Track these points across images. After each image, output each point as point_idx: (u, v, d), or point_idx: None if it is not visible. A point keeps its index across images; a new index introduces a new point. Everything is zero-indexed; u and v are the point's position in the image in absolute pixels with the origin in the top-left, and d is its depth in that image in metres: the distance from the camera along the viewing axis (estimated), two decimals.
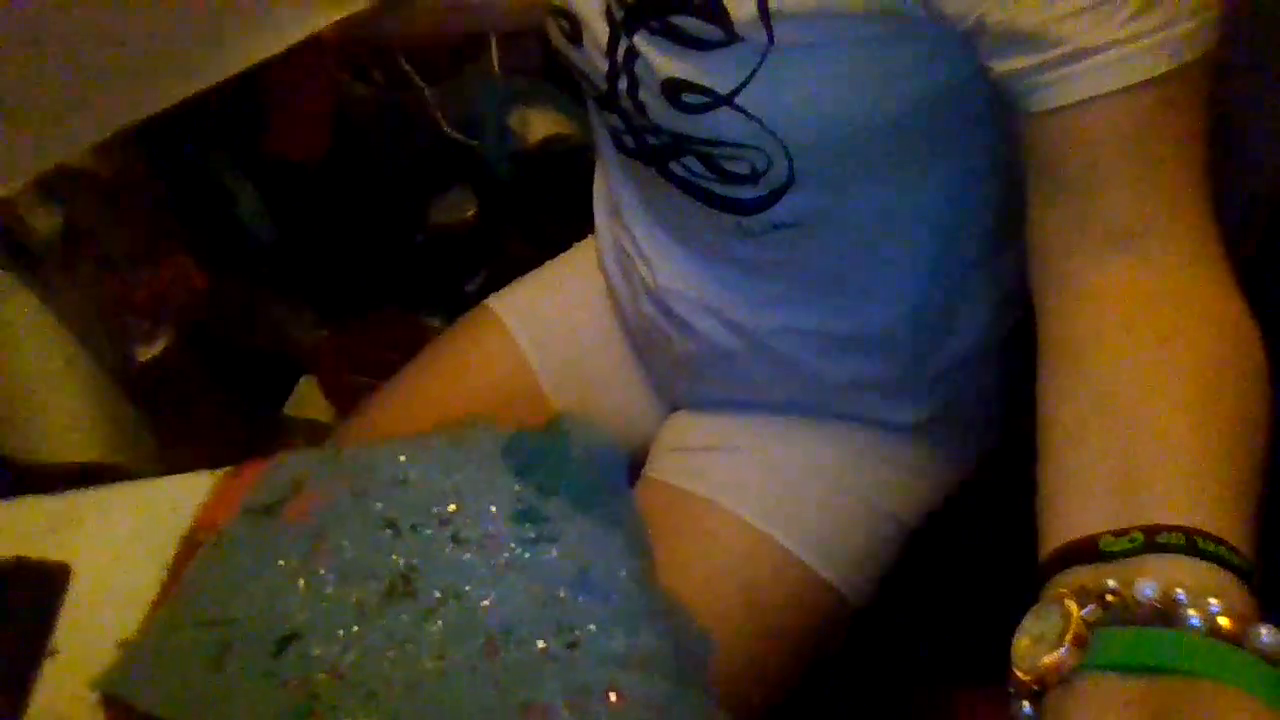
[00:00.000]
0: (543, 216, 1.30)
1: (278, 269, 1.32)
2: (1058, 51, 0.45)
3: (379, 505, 0.52)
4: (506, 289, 0.90)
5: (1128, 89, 0.44)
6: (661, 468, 0.78)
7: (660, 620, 0.50)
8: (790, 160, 0.57)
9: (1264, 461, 0.41)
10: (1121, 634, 0.34)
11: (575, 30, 0.64)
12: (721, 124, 0.57)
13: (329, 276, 1.36)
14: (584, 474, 0.54)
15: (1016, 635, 0.37)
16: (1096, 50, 0.44)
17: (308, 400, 1.30)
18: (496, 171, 1.30)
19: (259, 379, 1.31)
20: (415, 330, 1.31)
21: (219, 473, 0.56)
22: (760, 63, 0.54)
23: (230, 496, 0.54)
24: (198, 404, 1.14)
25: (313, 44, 0.75)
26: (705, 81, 0.56)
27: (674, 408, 0.83)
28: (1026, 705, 0.36)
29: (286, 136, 1.28)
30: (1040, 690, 0.35)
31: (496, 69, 1.26)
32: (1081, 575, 0.37)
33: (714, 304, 0.70)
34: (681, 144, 0.61)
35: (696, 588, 0.69)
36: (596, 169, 0.80)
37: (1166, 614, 0.34)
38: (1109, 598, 0.35)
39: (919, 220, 0.62)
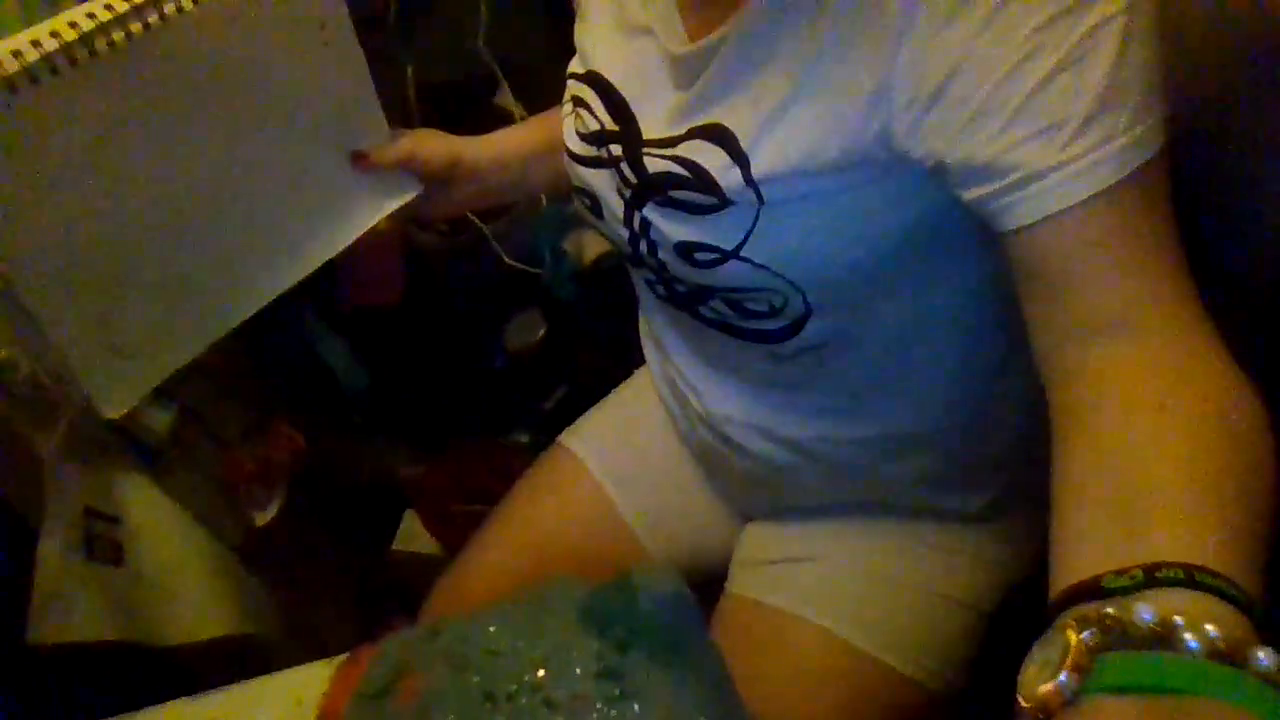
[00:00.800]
0: (607, 328, 1.36)
1: (372, 413, 1.41)
2: (1012, 178, 0.49)
3: (476, 679, 0.57)
4: (579, 423, 0.95)
5: (1081, 203, 0.48)
6: (742, 583, 0.82)
7: None
8: (804, 295, 0.61)
9: (1272, 509, 0.43)
10: (1121, 657, 0.35)
11: (595, 206, 0.71)
12: (734, 274, 0.62)
13: (419, 412, 1.44)
14: (656, 626, 0.58)
15: (1024, 665, 0.38)
16: (1045, 173, 0.48)
17: (413, 534, 1.37)
18: (559, 293, 1.37)
19: (367, 520, 1.39)
20: (503, 453, 1.38)
21: (335, 661, 0.62)
22: (756, 220, 0.59)
23: (347, 683, 0.59)
24: (314, 557, 1.21)
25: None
26: (712, 240, 0.61)
27: (748, 518, 0.87)
28: None
29: (365, 288, 1.38)
30: (1046, 717, 0.36)
31: (544, 201, 1.34)
32: (1084, 608, 0.38)
33: (762, 424, 0.74)
34: (705, 292, 0.66)
35: (781, 702, 0.72)
36: (640, 309, 0.85)
37: (1165, 638, 0.35)
38: (1108, 622, 0.36)
39: (938, 324, 0.66)
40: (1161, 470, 0.43)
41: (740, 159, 0.58)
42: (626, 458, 0.90)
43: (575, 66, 0.73)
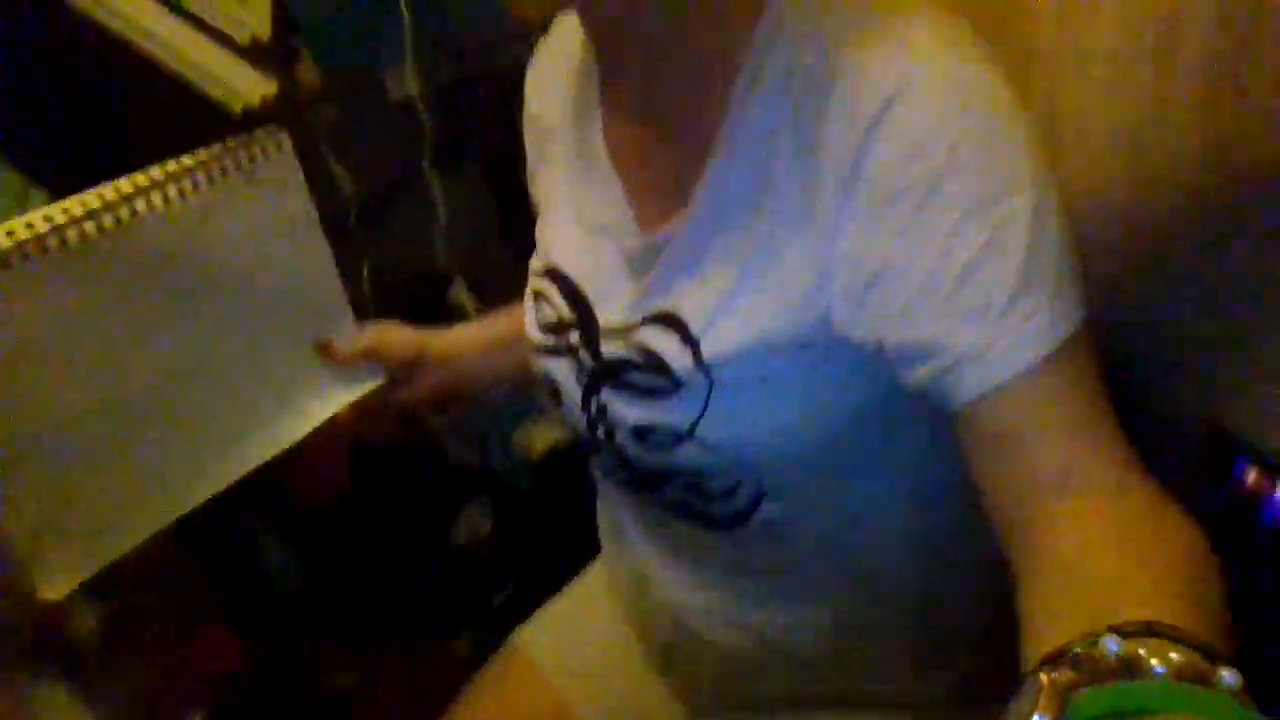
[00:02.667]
0: (558, 522, 1.35)
1: (309, 615, 1.35)
2: (949, 359, 0.52)
3: None
4: (531, 621, 0.92)
5: (1017, 375, 0.51)
6: None
7: None
8: (758, 476, 0.62)
9: (1223, 623, 0.44)
10: (1094, 691, 0.36)
11: (555, 394, 0.72)
12: (689, 456, 0.63)
13: (358, 614, 1.38)
14: None
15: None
16: (979, 352, 0.51)
17: None
18: (512, 485, 1.36)
19: None
20: (445, 658, 1.32)
21: None
22: (707, 401, 0.60)
23: None
24: None
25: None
26: (666, 422, 0.63)
27: (701, 715, 0.83)
28: None
29: (307, 485, 1.35)
30: None
31: (499, 393, 1.35)
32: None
33: (724, 611, 0.72)
34: (662, 475, 0.66)
35: None
36: (599, 499, 0.85)
37: (1132, 666, 0.36)
38: (1075, 656, 0.37)
39: (891, 500, 0.66)
40: (1125, 593, 0.44)
41: (691, 342, 0.60)
42: (580, 655, 0.87)
43: (535, 262, 0.76)
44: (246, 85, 1.01)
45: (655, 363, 0.62)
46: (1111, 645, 0.37)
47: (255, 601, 1.27)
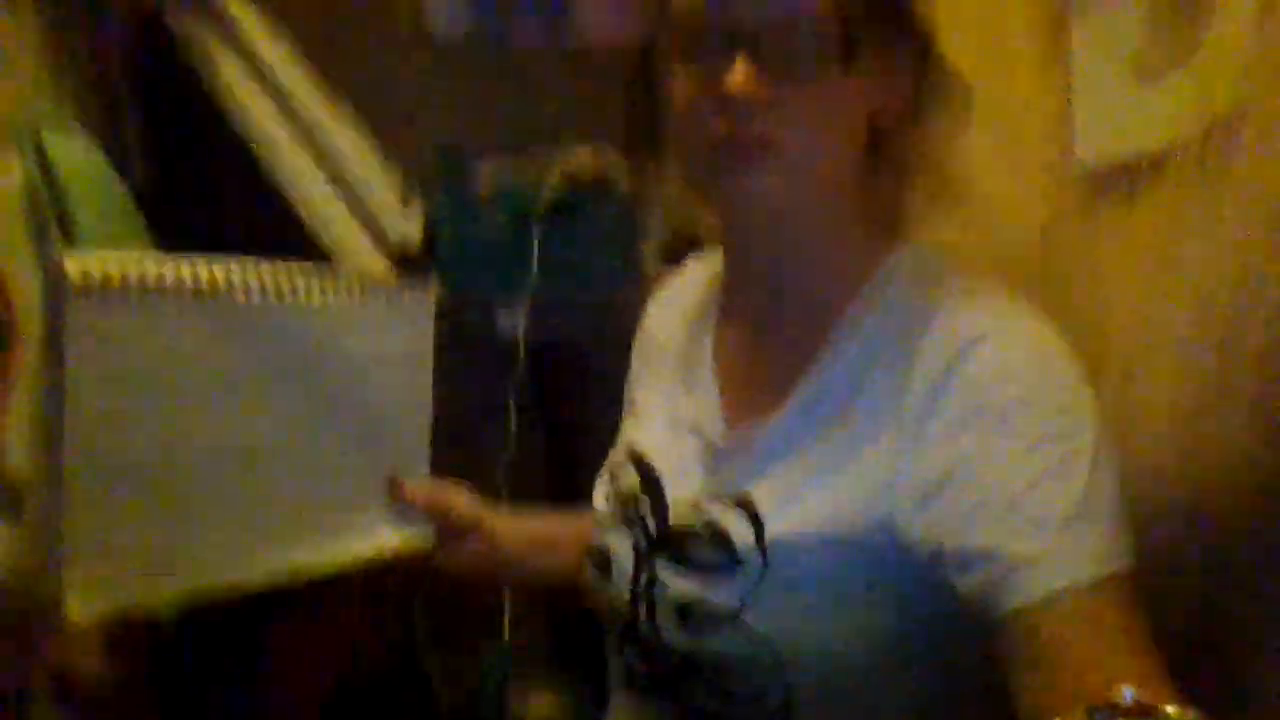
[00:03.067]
0: None
1: None
2: (1003, 565, 0.54)
3: None
4: None
5: (1066, 589, 0.53)
6: None
7: None
8: (785, 686, 0.62)
9: None
10: None
11: (605, 567, 0.74)
12: (725, 644, 0.64)
13: None
14: None
15: None
16: (1033, 562, 0.54)
17: None
18: None
19: None
20: None
21: None
22: (759, 583, 0.63)
23: None
24: None
25: (331, 601, 0.82)
26: (714, 599, 0.64)
27: None
28: None
29: (288, 684, 1.29)
30: None
31: (506, 638, 1.31)
32: None
33: None
34: (691, 667, 0.66)
35: None
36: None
37: (1147, 711, 0.40)
38: (1095, 706, 0.41)
39: (920, 709, 0.65)
40: None
41: (755, 522, 0.64)
42: None
43: (615, 451, 0.81)
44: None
45: (718, 536, 0.65)
46: (1128, 694, 0.42)
47: None
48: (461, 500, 0.87)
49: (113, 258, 0.66)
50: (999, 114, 0.82)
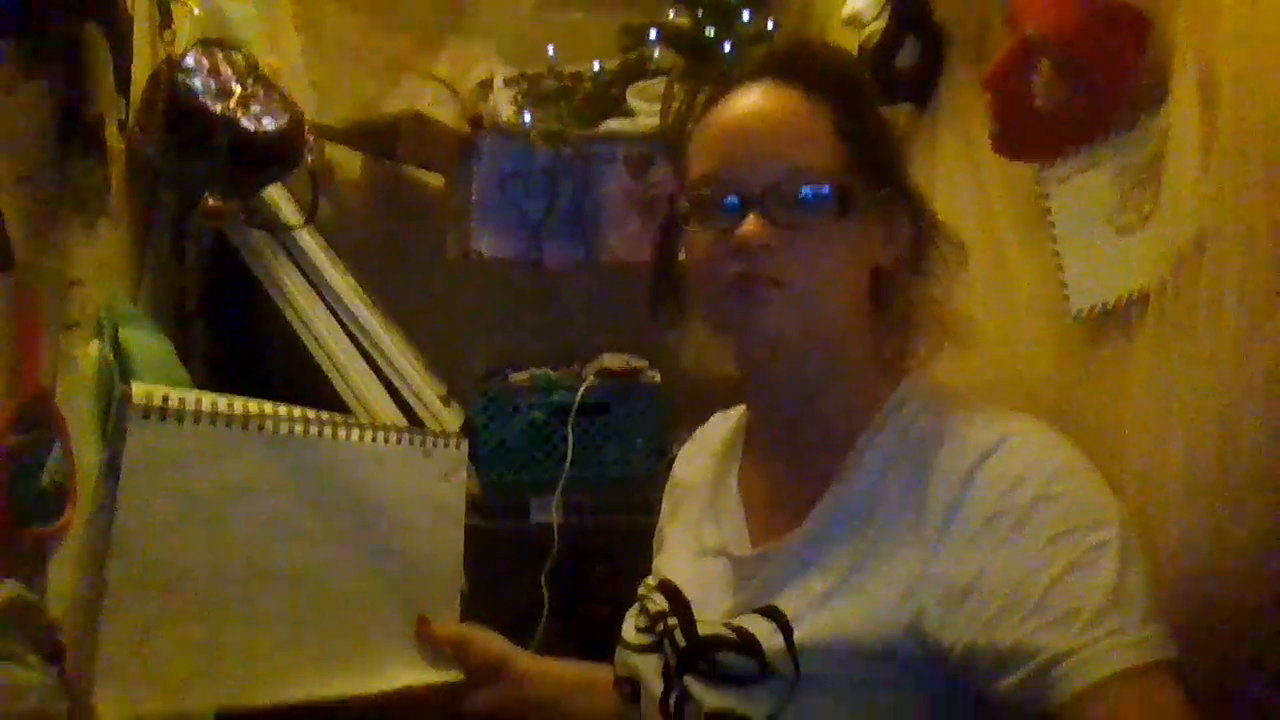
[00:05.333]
0: None
1: None
2: (1037, 662, 0.55)
3: None
4: None
5: (1111, 676, 0.53)
6: None
7: None
8: None
9: None
10: None
11: (635, 692, 0.74)
12: None
13: None
14: None
15: None
16: (1065, 656, 0.54)
17: None
18: None
19: None
20: None
21: None
22: (791, 692, 0.63)
23: None
24: None
25: None
26: (745, 709, 0.64)
27: None
28: None
29: None
30: None
31: None
32: None
33: None
34: None
35: None
36: None
37: None
38: None
39: None
40: None
41: (785, 628, 0.65)
42: None
43: (647, 582, 0.82)
44: None
45: (748, 642, 0.65)
46: None
47: None
48: (486, 639, 0.88)
49: (171, 389, 0.73)
50: (996, 273, 0.89)
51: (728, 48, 1.35)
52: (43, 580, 0.78)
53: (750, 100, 0.71)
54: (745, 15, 1.38)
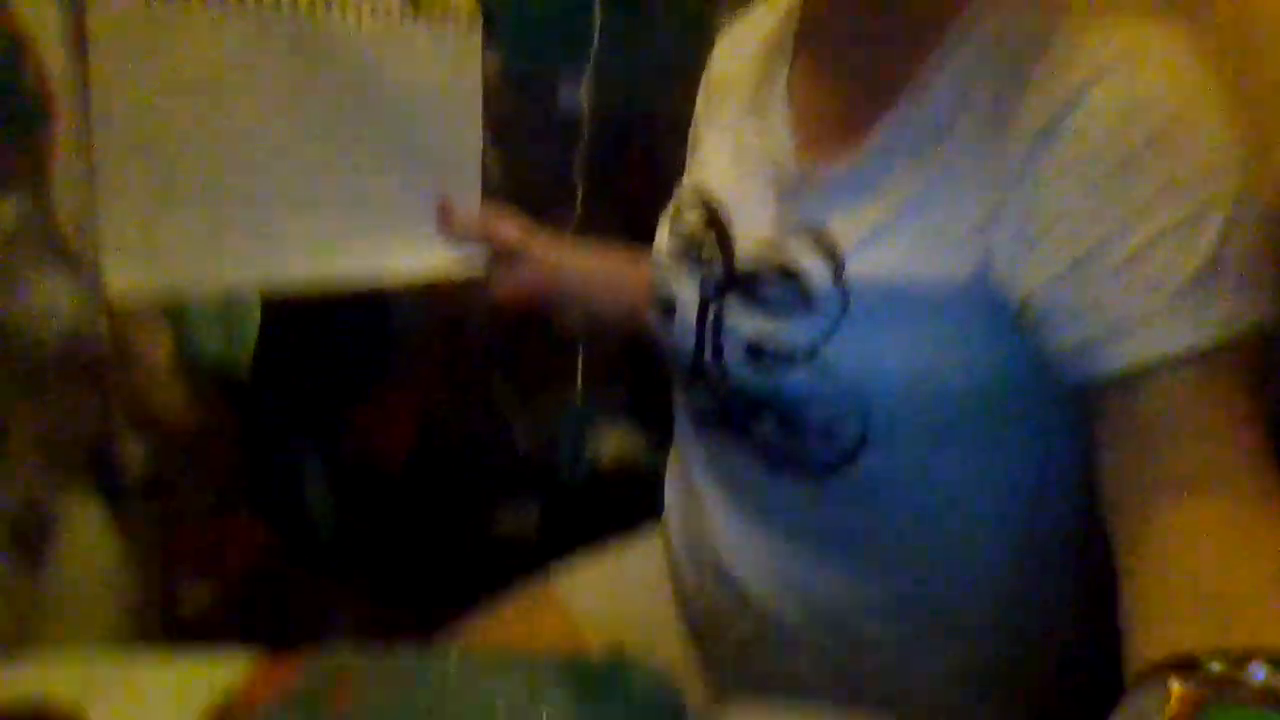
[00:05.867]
0: (605, 535, 1.31)
1: (332, 555, 1.32)
2: (1109, 324, 0.49)
3: (424, 705, 0.48)
4: (571, 568, 0.88)
5: (1178, 356, 0.48)
6: None
7: None
8: (864, 421, 0.59)
9: None
10: (1233, 711, 0.34)
11: (669, 312, 0.70)
12: (799, 383, 0.60)
13: (383, 573, 1.34)
14: (643, 711, 0.50)
15: (1114, 715, 0.37)
16: (1146, 322, 0.48)
17: None
18: (570, 490, 1.33)
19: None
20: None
21: (258, 655, 0.53)
22: (836, 325, 0.58)
23: (269, 680, 0.50)
24: None
25: (411, 353, 0.83)
26: (787, 340, 0.60)
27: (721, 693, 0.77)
28: None
29: (369, 443, 1.34)
30: None
31: (580, 393, 1.34)
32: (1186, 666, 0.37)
33: (785, 576, 0.68)
34: (760, 406, 0.63)
35: None
36: (671, 453, 0.82)
37: (1276, 699, 0.34)
38: (1214, 677, 0.35)
39: (999, 491, 0.62)
40: (1254, 588, 0.43)
41: (835, 260, 0.59)
42: (613, 609, 0.83)
43: (680, 190, 0.76)
44: None
45: (791, 275, 0.60)
46: (1258, 673, 0.35)
47: (287, 521, 1.24)
48: (511, 221, 0.85)
49: None
50: None
51: None
52: (47, 191, 0.74)
53: None
54: None
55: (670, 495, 0.82)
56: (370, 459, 1.34)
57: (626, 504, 1.26)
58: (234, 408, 1.16)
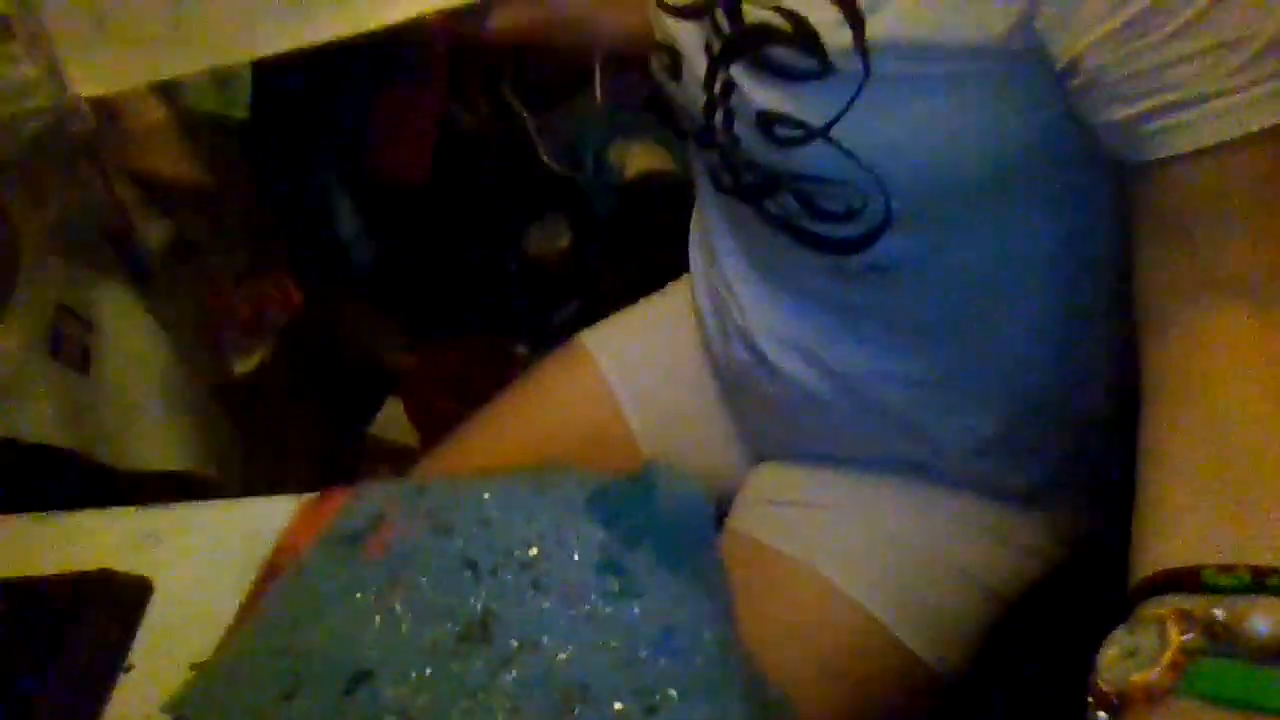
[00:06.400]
0: (637, 251, 1.30)
1: (373, 287, 1.34)
2: (1165, 99, 0.43)
3: (459, 543, 0.51)
4: (600, 325, 0.88)
5: (1241, 139, 0.42)
6: (747, 519, 0.75)
7: (745, 691, 0.48)
8: (887, 198, 0.54)
9: None
10: (1228, 666, 0.33)
11: (676, 65, 0.64)
12: (815, 159, 0.55)
13: (421, 298, 1.37)
14: (671, 526, 0.52)
15: (1104, 645, 0.36)
16: (1207, 98, 0.42)
17: (393, 422, 1.31)
18: (595, 204, 1.30)
19: (347, 395, 1.32)
20: (502, 356, 1.31)
21: (303, 498, 0.56)
22: (855, 95, 0.52)
23: (313, 523, 0.53)
24: (287, 419, 1.15)
25: (422, 66, 0.76)
26: (799, 114, 0.54)
27: (762, 459, 0.81)
28: (1103, 715, 0.36)
29: (390, 159, 1.31)
30: (1118, 704, 0.35)
31: (599, 100, 1.26)
32: (1184, 602, 0.36)
33: (806, 346, 0.67)
34: (776, 180, 0.59)
35: (776, 650, 0.65)
36: (695, 209, 0.78)
37: (1277, 654, 0.33)
38: (1216, 628, 0.34)
39: (1030, 268, 0.59)
40: (1277, 457, 0.39)
41: (855, 18, 0.51)
42: (646, 367, 0.84)
43: None
44: None
45: (807, 35, 0.53)
46: (1262, 627, 0.33)
47: (322, 260, 1.25)
48: None
49: None
50: None
51: None
52: None
53: None
54: None
55: (693, 253, 0.79)
56: (394, 180, 1.32)
57: (654, 216, 1.24)
58: (245, 155, 1.13)
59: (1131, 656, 0.34)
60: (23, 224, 0.78)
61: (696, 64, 0.62)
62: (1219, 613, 0.34)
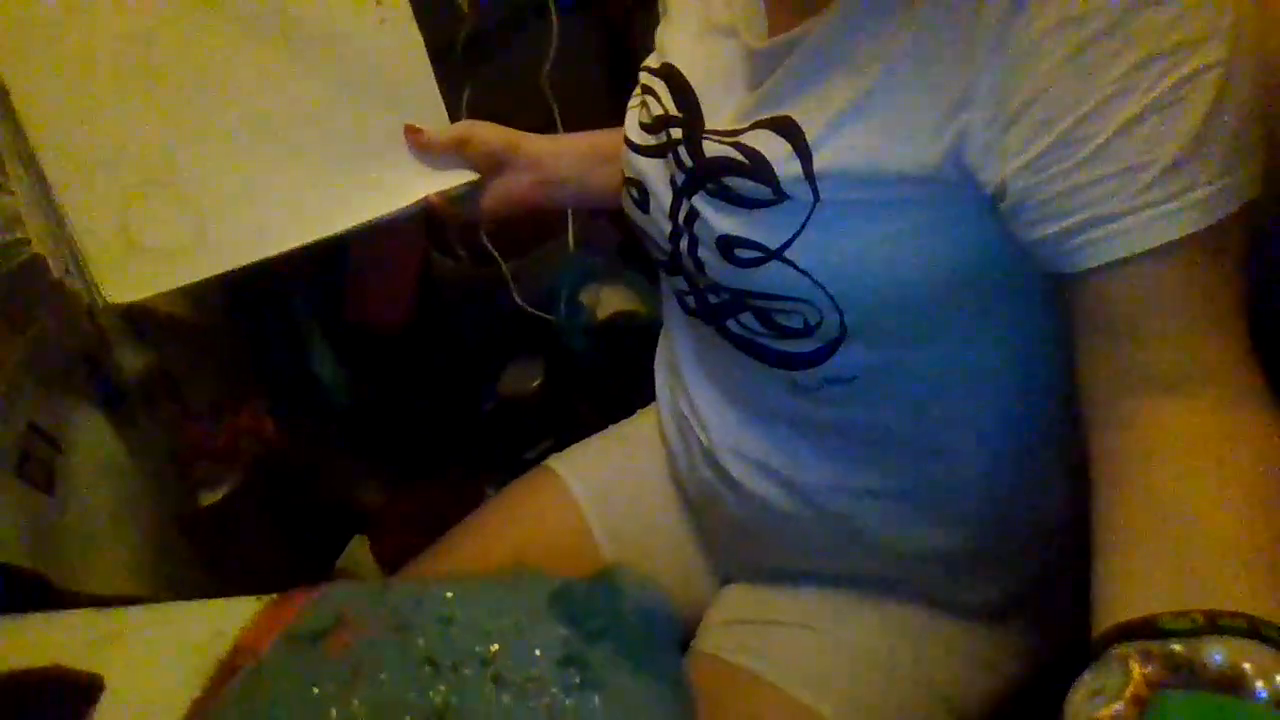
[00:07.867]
0: (608, 388, 1.32)
1: (347, 427, 1.35)
2: (1082, 217, 0.47)
3: (421, 641, 0.50)
4: (569, 450, 0.90)
5: (1153, 251, 0.45)
6: (711, 639, 0.75)
7: None
8: (841, 314, 0.58)
9: None
10: (1187, 697, 0.34)
11: (644, 198, 0.68)
12: (773, 278, 0.59)
13: (396, 439, 1.38)
14: (634, 627, 0.52)
15: (1073, 689, 0.37)
16: (1119, 216, 0.46)
17: (359, 559, 1.29)
18: (569, 343, 1.33)
19: (315, 530, 1.30)
20: (472, 495, 1.31)
21: (263, 599, 0.55)
22: (806, 220, 0.56)
23: (273, 624, 0.53)
24: (251, 552, 1.13)
25: (406, 222, 0.81)
26: (758, 237, 0.58)
27: (728, 580, 0.81)
28: None
29: (370, 307, 1.34)
30: None
31: (573, 246, 1.32)
32: (1146, 643, 0.37)
33: (768, 463, 0.69)
34: (739, 300, 0.62)
35: None
36: (661, 335, 0.81)
37: (1232, 683, 0.34)
38: (1175, 660, 0.35)
39: (981, 382, 0.62)
40: (1219, 521, 0.42)
41: (803, 151, 0.56)
42: (614, 490, 0.85)
43: (650, 61, 0.72)
44: None
45: (760, 167, 0.58)
46: (1216, 656, 0.35)
47: (299, 404, 1.26)
48: (486, 130, 0.82)
49: None
50: None
51: None
52: None
53: None
54: None
55: (660, 377, 0.82)
56: (373, 326, 1.34)
57: (623, 356, 1.27)
58: (228, 295, 1.16)
59: (1098, 694, 0.35)
60: (2, 345, 0.80)
61: (663, 196, 0.66)
62: (1178, 647, 0.35)
